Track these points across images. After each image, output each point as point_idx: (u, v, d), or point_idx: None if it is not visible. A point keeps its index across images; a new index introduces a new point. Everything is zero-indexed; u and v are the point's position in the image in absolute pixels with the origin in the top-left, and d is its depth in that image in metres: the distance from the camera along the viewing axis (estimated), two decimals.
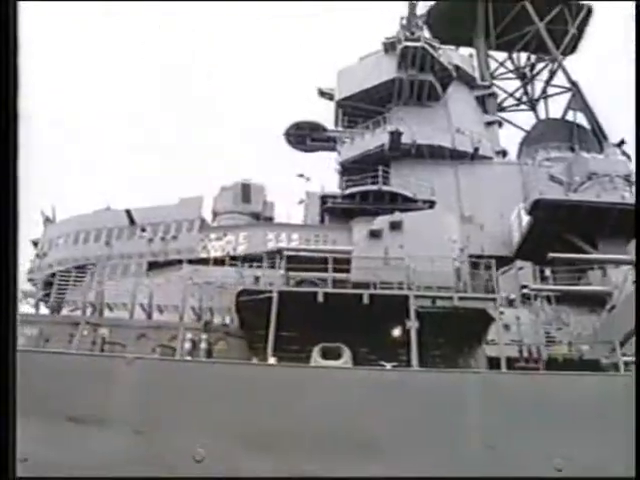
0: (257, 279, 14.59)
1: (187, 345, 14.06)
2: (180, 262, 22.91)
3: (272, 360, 12.25)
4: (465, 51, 37.44)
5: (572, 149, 31.27)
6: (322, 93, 33.91)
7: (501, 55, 39.50)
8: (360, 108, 31.26)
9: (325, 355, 12.32)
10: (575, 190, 25.92)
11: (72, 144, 71.31)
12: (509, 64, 39.50)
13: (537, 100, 37.67)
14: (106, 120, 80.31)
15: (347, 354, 12.35)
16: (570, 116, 33.90)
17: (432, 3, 36.57)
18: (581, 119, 33.07)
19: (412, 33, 30.95)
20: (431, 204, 24.34)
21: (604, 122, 32.46)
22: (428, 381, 12.08)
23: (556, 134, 32.18)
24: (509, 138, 35.58)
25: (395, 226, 18.07)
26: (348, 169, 28.86)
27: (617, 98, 31.82)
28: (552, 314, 19.81)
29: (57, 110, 68.63)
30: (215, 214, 27.76)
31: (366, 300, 13.34)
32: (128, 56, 78.70)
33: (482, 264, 17.92)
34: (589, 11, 37.17)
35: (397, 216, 18.28)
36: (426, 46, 29.88)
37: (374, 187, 24.18)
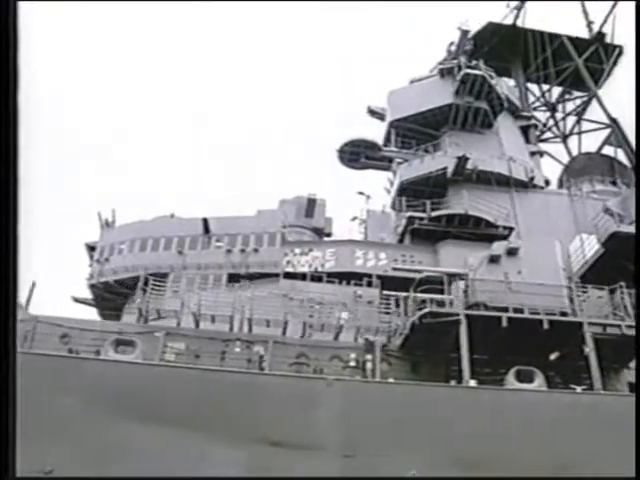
0: (442, 302, 14.54)
1: (353, 364, 13.91)
2: (262, 276, 22.54)
3: (472, 382, 12.29)
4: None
5: (614, 183, 32.51)
6: (372, 112, 34.19)
7: (531, 87, 40.78)
8: (413, 130, 31.65)
9: (519, 377, 12.50)
10: (630, 224, 27.00)
11: (72, 145, 69.36)
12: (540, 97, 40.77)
13: (570, 134, 39.00)
14: (106, 121, 78.69)
15: (540, 377, 12.57)
16: (607, 151, 35.27)
17: (475, 31, 37.37)
18: (616, 153, 34.50)
19: (470, 60, 31.66)
20: (510, 230, 24.79)
21: None
22: (616, 404, 12.44)
23: (597, 168, 33.32)
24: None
25: (512, 252, 18.38)
26: (405, 189, 29.13)
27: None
28: None
29: (56, 110, 66.54)
30: None
31: (546, 325, 13.61)
32: (128, 56, 77.69)
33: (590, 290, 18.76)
34: (620, 51, 38.90)
35: (514, 242, 18.65)
36: (486, 75, 30.60)
37: (461, 211, 24.48)
